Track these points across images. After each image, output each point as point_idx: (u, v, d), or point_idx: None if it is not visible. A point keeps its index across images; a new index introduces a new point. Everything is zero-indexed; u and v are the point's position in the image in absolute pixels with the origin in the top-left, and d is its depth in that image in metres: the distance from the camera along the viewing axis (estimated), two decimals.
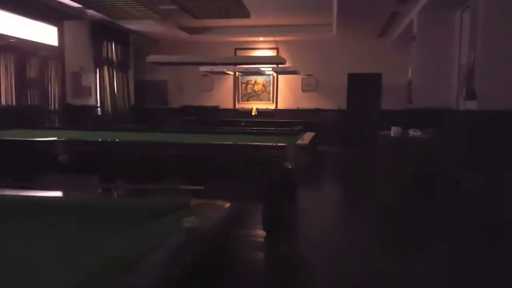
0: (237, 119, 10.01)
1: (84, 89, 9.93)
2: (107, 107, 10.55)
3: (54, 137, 3.41)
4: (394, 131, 5.91)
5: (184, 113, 12.33)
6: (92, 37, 10.11)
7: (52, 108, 8.82)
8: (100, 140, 3.51)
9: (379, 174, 6.51)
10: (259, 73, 10.58)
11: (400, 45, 10.82)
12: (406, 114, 9.86)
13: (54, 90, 8.89)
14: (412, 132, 5.76)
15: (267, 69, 10.18)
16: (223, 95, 12.73)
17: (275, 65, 8.71)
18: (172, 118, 10.48)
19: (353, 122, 11.92)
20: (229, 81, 12.61)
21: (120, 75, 11.18)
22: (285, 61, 7.13)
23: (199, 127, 7.11)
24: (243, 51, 12.00)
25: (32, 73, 8.24)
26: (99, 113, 10.39)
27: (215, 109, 12.60)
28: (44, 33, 8.67)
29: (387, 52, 11.40)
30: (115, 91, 10.96)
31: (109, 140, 3.56)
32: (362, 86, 11.95)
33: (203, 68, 9.84)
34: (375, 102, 11.85)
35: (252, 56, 10.29)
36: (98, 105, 10.40)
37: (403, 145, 5.54)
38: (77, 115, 9.38)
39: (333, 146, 11.37)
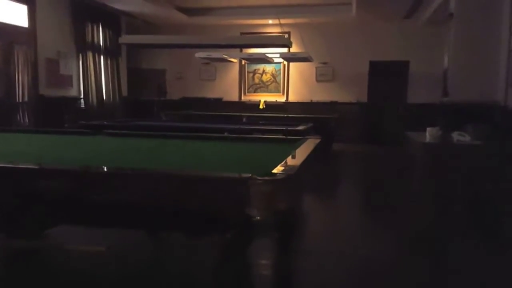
0: (239, 114, 8.59)
1: (63, 78, 8.63)
2: (92, 98, 9.24)
3: None
4: (431, 133, 4.39)
5: (183, 106, 10.97)
6: (73, 18, 8.79)
7: (20, 100, 7.53)
8: None
9: (411, 189, 5.00)
10: (267, 60, 9.11)
11: (432, 27, 9.19)
12: (440, 109, 8.29)
13: (22, 79, 7.59)
14: (457, 137, 4.24)
15: (275, 55, 8.70)
16: (227, 86, 11.30)
17: (279, 49, 7.22)
18: (164, 112, 9.11)
19: (375, 117, 10.36)
20: (234, 70, 11.17)
21: (109, 62, 9.86)
22: (290, 42, 5.67)
23: (172, 127, 5.75)
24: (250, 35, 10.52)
25: None
26: (82, 105, 9.09)
27: (218, 102, 11.19)
28: (10, 12, 7.38)
29: (416, 36, 9.78)
30: (102, 80, 9.64)
31: None
32: (386, 76, 10.37)
33: (198, 54, 8.42)
34: (401, 94, 10.27)
35: (249, 36, 8.68)
36: (81, 96, 9.09)
37: (446, 155, 4.02)
38: (53, 109, 8.09)
39: (352, 144, 9.85)
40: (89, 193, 1.73)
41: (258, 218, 1.61)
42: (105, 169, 1.81)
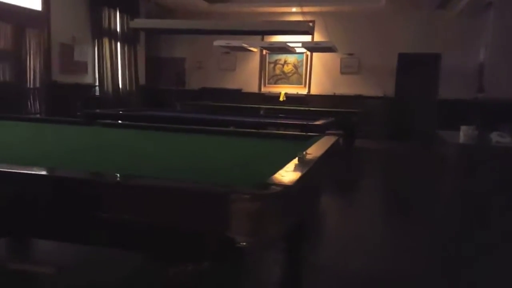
0: (257, 106, 8.18)
1: (78, 64, 8.38)
2: (107, 86, 8.98)
3: None
4: (466, 133, 3.89)
5: (202, 96, 10.63)
6: (89, 2, 8.52)
7: (31, 86, 7.30)
8: None
9: (441, 195, 4.50)
10: (289, 50, 8.65)
11: (467, 17, 8.57)
12: (474, 107, 7.69)
13: (34, 64, 7.36)
14: (496, 137, 3.73)
15: (297, 45, 8.22)
16: (247, 77, 10.88)
17: (302, 38, 6.75)
18: (180, 103, 8.78)
19: (402, 113, 9.78)
20: (255, 60, 10.74)
21: (126, 49, 9.57)
22: (312, 29, 5.19)
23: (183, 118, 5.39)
24: (269, 21, 10.05)
25: (2, 43, 6.74)
26: (97, 93, 8.83)
27: (238, 93, 10.79)
28: None
29: (449, 27, 9.14)
30: (119, 68, 9.37)
31: None
32: (416, 69, 9.77)
33: (217, 42, 8.03)
34: (431, 89, 9.65)
35: (269, 22, 8.12)
36: (96, 84, 8.84)
37: (484, 158, 3.53)
38: (66, 95, 7.85)
39: (376, 141, 9.32)
40: (34, 198, 1.36)
41: (244, 244, 1.21)
42: (48, 173, 1.43)
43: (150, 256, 1.37)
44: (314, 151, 2.01)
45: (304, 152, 1.87)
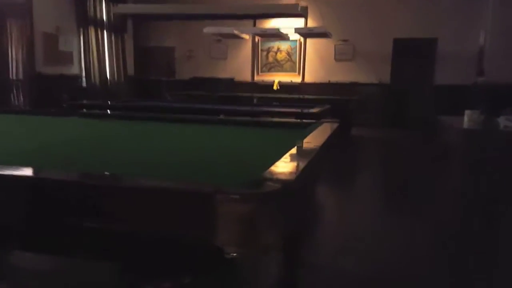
0: (249, 95, 7.92)
1: (63, 54, 8.07)
2: (94, 77, 8.68)
3: None
4: (470, 117, 3.67)
5: (193, 86, 10.35)
6: None
7: (14, 77, 7.00)
8: None
9: (444, 184, 4.29)
10: (282, 37, 8.37)
11: (464, 1, 8.32)
12: (474, 91, 7.49)
13: (17, 55, 7.05)
14: (504, 122, 3.51)
15: (290, 31, 7.95)
16: (239, 65, 10.60)
17: (295, 23, 6.47)
18: (170, 93, 8.51)
19: (398, 99, 9.57)
20: (247, 48, 10.45)
21: (113, 39, 9.26)
22: (306, 12, 4.94)
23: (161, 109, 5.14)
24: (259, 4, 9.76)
25: None
26: (84, 84, 8.54)
27: (230, 82, 10.51)
28: None
29: (446, 11, 8.91)
30: (106, 58, 9.06)
31: None
32: (411, 55, 9.53)
33: (207, 29, 7.74)
34: (427, 75, 9.43)
35: (259, 4, 7.70)
36: (83, 75, 8.54)
37: (492, 143, 3.32)
38: (51, 87, 7.55)
39: (372, 128, 9.12)
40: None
41: (234, 255, 0.98)
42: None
43: (121, 269, 1.13)
44: (314, 140, 1.77)
45: (302, 141, 1.63)
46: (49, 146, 1.88)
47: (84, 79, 8.52)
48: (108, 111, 4.76)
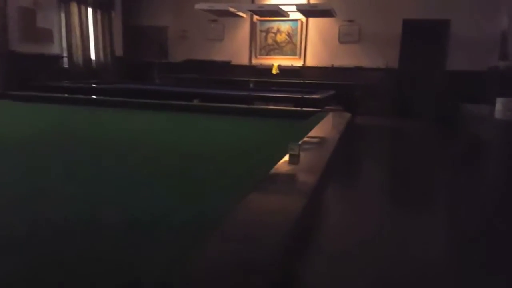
0: (245, 79, 7.25)
1: (41, 31, 7.35)
2: (77, 57, 7.97)
3: None
4: (506, 106, 3.00)
5: (187, 69, 9.65)
6: None
7: None
8: None
9: (480, 190, 3.62)
10: (281, 14, 7.62)
11: None
12: (494, 76, 6.79)
13: None
14: None
15: (291, 8, 7.22)
16: (236, 47, 9.88)
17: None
18: (159, 75, 7.82)
19: (407, 86, 8.86)
20: (244, 28, 9.72)
21: (98, 16, 8.52)
22: None
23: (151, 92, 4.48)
24: None
25: None
26: (65, 65, 7.83)
27: (226, 65, 9.80)
28: None
29: None
30: (91, 37, 8.34)
31: None
32: (422, 38, 8.79)
33: (198, 6, 7.02)
34: (439, 59, 8.72)
35: None
36: (65, 54, 7.83)
37: None
38: (28, 67, 6.86)
39: (378, 117, 8.44)
40: None
41: None
42: None
43: None
44: (319, 138, 1.11)
45: (299, 144, 0.97)
46: None
47: (65, 59, 7.80)
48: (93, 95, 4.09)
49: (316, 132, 1.19)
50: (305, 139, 1.09)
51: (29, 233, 0.72)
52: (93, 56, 8.44)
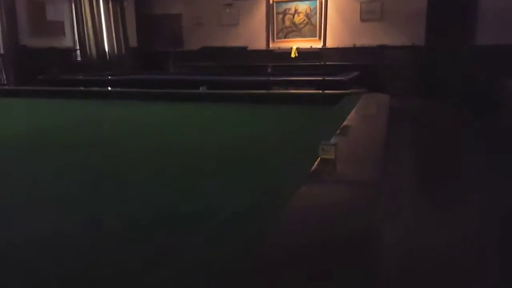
0: (262, 64, 6.93)
1: (52, 25, 7.17)
2: (91, 50, 7.78)
3: None
4: None
5: (203, 57, 9.38)
6: None
7: None
8: None
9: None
10: None
11: None
12: None
13: None
14: None
15: None
16: (252, 32, 9.52)
17: None
18: (175, 64, 7.58)
19: (435, 63, 8.36)
20: (260, 11, 9.34)
21: (110, 6, 8.29)
22: None
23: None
24: None
25: None
26: (79, 58, 7.66)
27: (243, 51, 9.47)
28: None
29: None
30: (103, 28, 8.13)
31: None
32: (449, 12, 8.25)
33: None
34: (467, 35, 8.17)
35: None
36: (77, 47, 7.65)
37: None
38: (41, 62, 6.69)
39: (405, 98, 7.99)
40: None
41: None
42: None
43: None
44: (360, 131, 0.81)
45: (333, 144, 0.67)
46: None
47: (78, 52, 7.62)
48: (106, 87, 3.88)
49: (354, 122, 0.90)
50: (340, 134, 0.80)
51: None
52: (107, 48, 8.24)
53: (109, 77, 5.03)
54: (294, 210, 0.61)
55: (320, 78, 3.46)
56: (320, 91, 1.82)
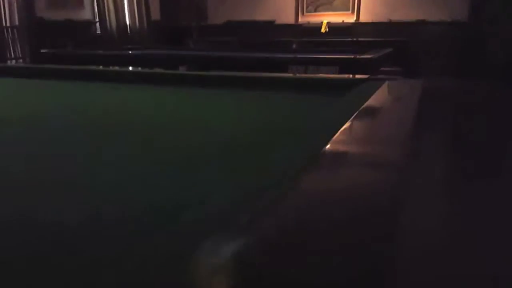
0: (289, 39, 6.46)
1: None
2: (110, 23, 7.48)
3: None
4: None
5: (227, 31, 8.96)
6: None
7: (7, 24, 5.94)
8: None
9: None
10: None
11: None
12: None
13: None
14: None
15: None
16: (280, 5, 8.99)
17: None
18: (194, 39, 7.20)
19: (478, 41, 7.64)
20: None
21: None
22: None
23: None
24: None
25: None
26: (98, 31, 7.39)
27: (270, 25, 8.98)
28: None
29: None
30: (124, 0, 7.80)
31: None
32: None
33: None
34: None
35: None
36: (96, 20, 7.37)
37: None
38: (58, 35, 6.45)
39: (445, 78, 7.36)
40: None
41: None
42: None
43: None
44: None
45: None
46: None
47: (98, 25, 7.35)
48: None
49: (353, 132, 0.53)
50: (330, 148, 0.47)
51: None
52: (128, 21, 7.92)
53: (117, 52, 4.71)
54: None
55: (345, 56, 3.01)
56: (329, 76, 1.44)
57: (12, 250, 0.51)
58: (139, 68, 2.47)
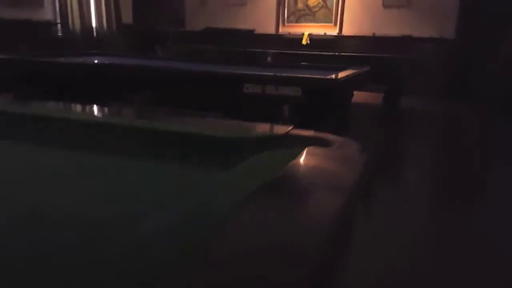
0: (262, 51, 5.97)
1: None
2: (74, 25, 6.92)
3: None
4: None
5: (206, 39, 8.44)
6: None
7: None
8: None
9: None
10: None
11: None
12: None
13: None
14: None
15: None
16: (261, 14, 8.53)
17: None
18: (163, 46, 6.68)
19: (466, 60, 7.24)
20: None
21: None
22: None
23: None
24: None
25: None
26: (59, 33, 6.81)
27: (250, 35, 8.50)
28: None
29: None
30: (91, 1, 7.25)
31: None
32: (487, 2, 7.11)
33: None
34: (504, 28, 7.03)
35: None
36: (58, 20, 6.80)
37: None
38: (13, 36, 5.87)
39: (429, 98, 6.92)
40: None
41: None
42: None
43: None
44: None
45: None
46: None
47: (59, 26, 6.78)
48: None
49: None
50: None
51: None
52: (94, 23, 7.37)
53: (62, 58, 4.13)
54: None
55: (309, 76, 2.49)
56: (223, 133, 0.93)
57: None
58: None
